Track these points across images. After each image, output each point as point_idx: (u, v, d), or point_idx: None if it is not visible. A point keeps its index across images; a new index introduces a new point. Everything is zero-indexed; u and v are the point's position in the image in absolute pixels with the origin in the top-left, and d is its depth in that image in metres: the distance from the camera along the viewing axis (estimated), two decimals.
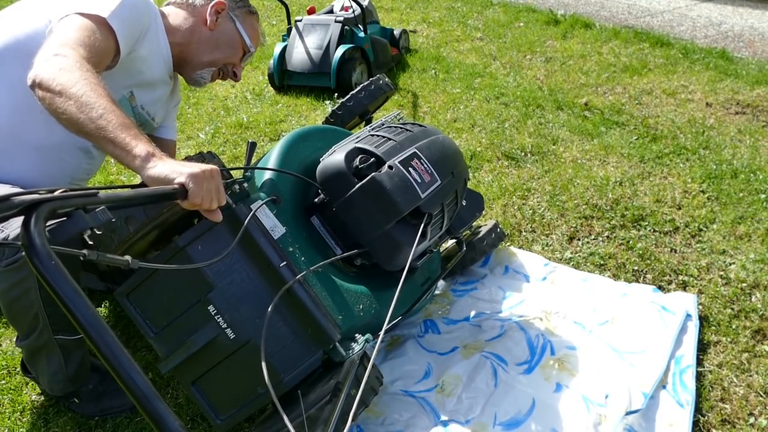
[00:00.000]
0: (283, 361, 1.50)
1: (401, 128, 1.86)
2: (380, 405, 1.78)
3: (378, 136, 1.80)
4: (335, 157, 1.69)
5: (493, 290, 2.26)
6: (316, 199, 1.78)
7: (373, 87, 2.25)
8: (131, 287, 1.59)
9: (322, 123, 2.18)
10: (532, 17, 5.43)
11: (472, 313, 2.17)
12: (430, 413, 1.75)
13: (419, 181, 1.66)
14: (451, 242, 2.31)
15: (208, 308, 1.51)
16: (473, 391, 1.80)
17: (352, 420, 1.45)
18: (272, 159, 1.74)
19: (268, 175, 1.69)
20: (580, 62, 4.40)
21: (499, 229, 2.35)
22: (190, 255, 1.52)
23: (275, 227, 1.57)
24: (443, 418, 1.74)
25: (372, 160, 1.66)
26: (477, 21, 5.46)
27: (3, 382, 1.98)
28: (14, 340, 2.16)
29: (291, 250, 1.57)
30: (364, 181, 1.63)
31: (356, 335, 1.58)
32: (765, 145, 3.19)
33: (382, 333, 1.32)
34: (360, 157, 1.68)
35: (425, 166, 1.70)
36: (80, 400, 1.84)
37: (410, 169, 1.66)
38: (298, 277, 1.48)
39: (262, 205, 1.55)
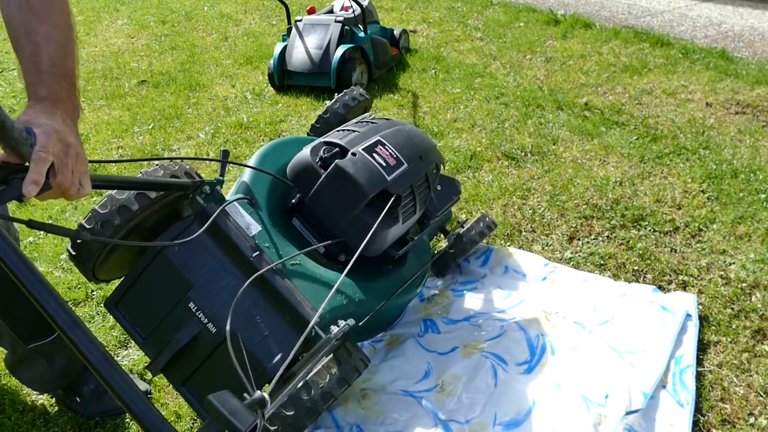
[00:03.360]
0: (265, 350, 1.52)
1: (367, 122, 1.93)
2: (380, 405, 1.78)
3: (344, 130, 1.87)
4: (302, 152, 1.77)
5: (492, 290, 2.27)
6: (293, 200, 1.83)
7: (347, 98, 2.31)
8: (119, 296, 1.62)
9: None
10: (532, 17, 5.43)
11: (472, 313, 2.17)
12: (430, 413, 1.75)
13: (384, 164, 1.72)
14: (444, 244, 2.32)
15: (189, 305, 1.54)
16: (473, 391, 1.80)
17: (334, 398, 1.46)
18: (248, 167, 1.81)
19: (244, 180, 1.75)
20: (580, 62, 4.40)
21: (488, 219, 2.36)
22: (168, 256, 1.56)
23: (250, 225, 1.62)
24: (443, 418, 1.74)
25: (336, 150, 1.74)
26: (477, 21, 5.46)
27: (3, 382, 1.98)
28: None
29: (267, 245, 1.60)
30: (329, 170, 1.70)
31: (339, 321, 1.60)
32: (765, 145, 3.19)
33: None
34: (324, 148, 1.76)
35: (390, 151, 1.77)
36: (81, 399, 1.84)
37: (374, 154, 1.74)
38: (272, 265, 1.51)
39: (232, 201, 1.59)
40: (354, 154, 1.71)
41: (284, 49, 4.13)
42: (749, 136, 3.27)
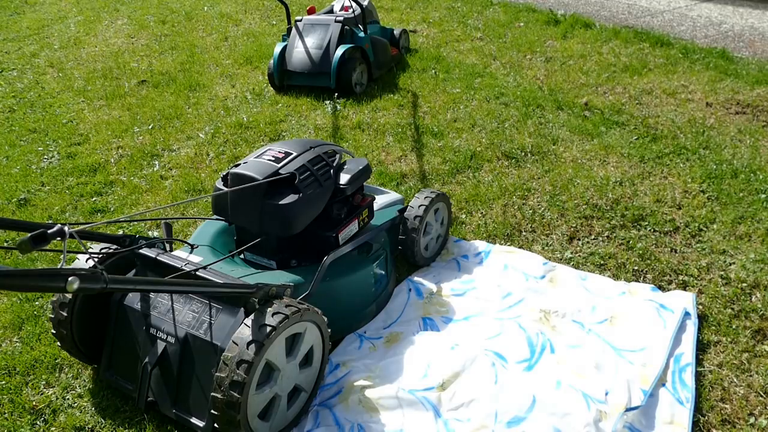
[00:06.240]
0: (216, 334, 1.69)
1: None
2: (381, 403, 1.78)
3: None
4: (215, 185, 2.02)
5: (492, 289, 2.26)
6: (234, 238, 2.12)
7: None
8: (107, 362, 1.86)
9: None
10: (532, 17, 5.43)
11: (472, 312, 2.17)
12: (431, 411, 1.75)
13: (273, 159, 1.97)
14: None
15: (150, 332, 1.77)
16: (474, 389, 1.80)
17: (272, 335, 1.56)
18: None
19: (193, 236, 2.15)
20: (580, 62, 4.40)
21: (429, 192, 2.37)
22: (125, 303, 1.83)
23: (189, 257, 1.90)
24: (444, 416, 1.74)
25: (232, 166, 1.99)
26: (477, 21, 5.46)
27: (3, 382, 1.98)
28: (14, 340, 2.16)
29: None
30: (228, 180, 1.94)
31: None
32: (765, 145, 3.19)
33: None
34: (225, 173, 2.00)
35: (278, 150, 2.03)
36: None
37: (263, 156, 1.99)
38: (205, 266, 1.73)
39: (153, 241, 1.86)
40: (245, 162, 1.97)
41: (284, 49, 4.13)
42: (749, 136, 3.27)
